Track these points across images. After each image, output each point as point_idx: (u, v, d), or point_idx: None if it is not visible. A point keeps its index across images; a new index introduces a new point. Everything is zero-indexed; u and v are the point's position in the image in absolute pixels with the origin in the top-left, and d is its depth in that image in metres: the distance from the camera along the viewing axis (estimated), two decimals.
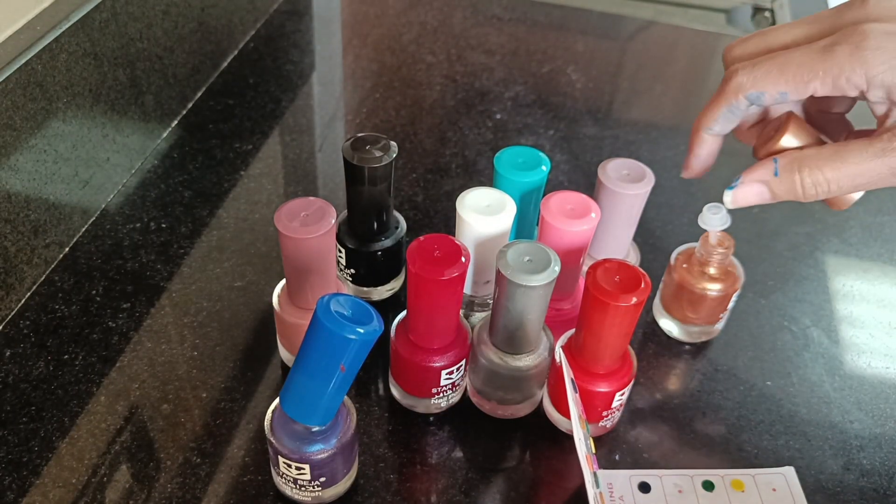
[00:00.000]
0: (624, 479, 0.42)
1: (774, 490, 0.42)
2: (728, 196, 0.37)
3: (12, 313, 0.48)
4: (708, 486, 0.42)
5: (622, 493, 0.42)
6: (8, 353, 0.46)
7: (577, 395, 0.40)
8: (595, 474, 0.39)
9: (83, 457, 0.41)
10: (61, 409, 0.44)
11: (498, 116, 0.68)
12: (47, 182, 0.50)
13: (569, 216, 0.42)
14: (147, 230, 0.55)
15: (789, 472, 0.43)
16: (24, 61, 0.46)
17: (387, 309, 0.50)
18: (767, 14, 0.90)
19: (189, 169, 0.60)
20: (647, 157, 0.64)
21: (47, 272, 0.51)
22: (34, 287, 0.50)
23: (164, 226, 0.55)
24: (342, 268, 0.50)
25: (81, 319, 0.48)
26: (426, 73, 0.73)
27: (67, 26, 0.49)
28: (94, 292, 0.50)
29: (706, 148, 0.39)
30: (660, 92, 0.74)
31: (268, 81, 0.70)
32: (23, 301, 0.49)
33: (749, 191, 0.36)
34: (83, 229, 0.54)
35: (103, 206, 0.56)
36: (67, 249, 0.53)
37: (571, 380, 0.40)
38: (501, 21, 0.82)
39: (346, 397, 0.38)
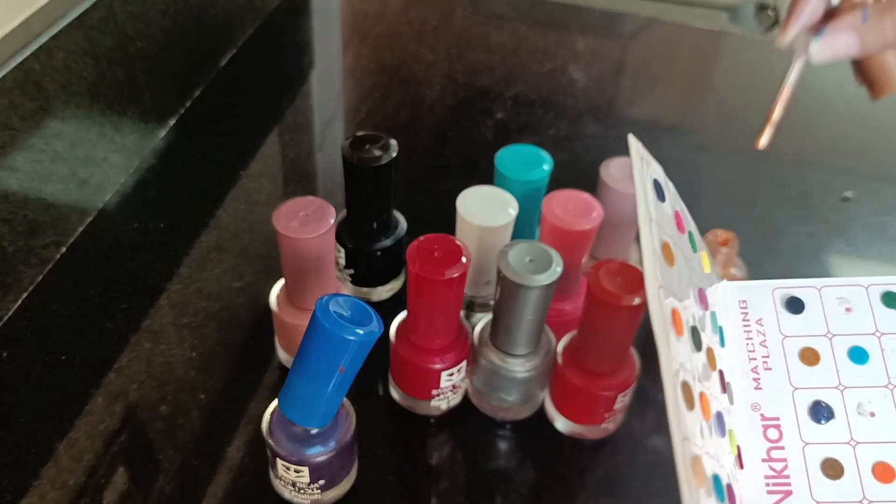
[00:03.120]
0: (764, 294, 0.33)
1: None
2: (814, 46, 0.33)
3: (10, 314, 0.48)
4: (891, 299, 0.32)
5: (760, 315, 0.33)
6: (6, 354, 0.46)
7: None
8: (712, 314, 0.31)
9: (81, 458, 0.41)
10: (59, 410, 0.43)
11: (499, 115, 0.68)
12: (45, 181, 0.49)
13: (570, 216, 0.41)
14: (145, 230, 0.54)
15: None
16: (21, 60, 0.46)
17: (387, 309, 0.50)
18: (771, 12, 0.90)
19: (188, 168, 0.60)
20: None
21: (45, 272, 0.51)
22: (32, 287, 0.50)
23: (162, 226, 0.55)
24: (342, 268, 0.49)
25: (79, 320, 0.48)
26: (426, 72, 0.73)
27: (65, 25, 0.49)
28: (92, 292, 0.50)
29: (811, 5, 0.34)
30: (662, 90, 0.74)
31: (267, 80, 0.70)
32: (20, 301, 0.49)
33: (837, 40, 0.33)
34: (81, 229, 0.54)
35: (101, 205, 0.56)
36: (65, 249, 0.52)
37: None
38: (502, 20, 0.82)
39: (345, 399, 0.37)
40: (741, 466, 0.31)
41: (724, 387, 0.31)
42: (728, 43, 0.82)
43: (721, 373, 0.31)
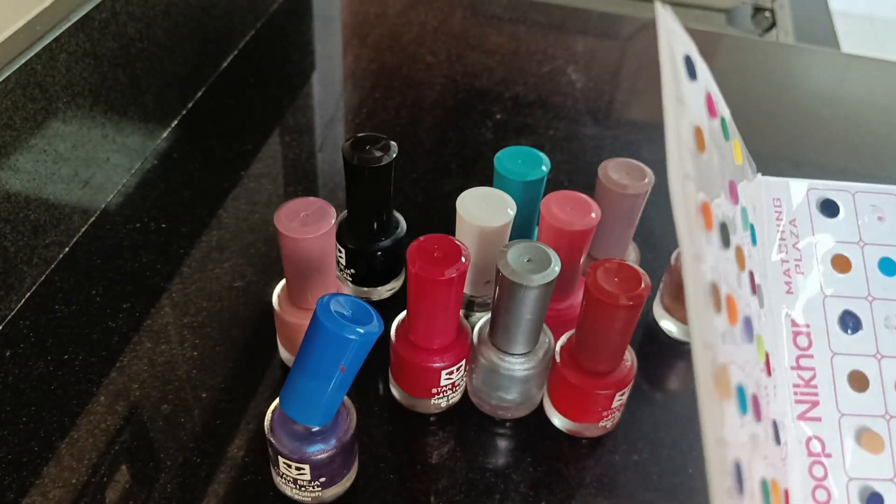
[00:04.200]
0: (799, 192, 0.31)
1: None
2: None
3: (12, 313, 0.48)
4: None
5: (794, 215, 0.31)
6: (8, 354, 0.46)
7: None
8: (743, 210, 0.29)
9: (83, 457, 0.41)
10: (61, 409, 0.44)
11: (498, 116, 0.68)
12: (47, 182, 0.50)
13: (568, 216, 0.42)
14: (147, 230, 0.55)
15: None
16: (23, 61, 0.46)
17: (387, 309, 0.50)
18: (768, 14, 0.90)
19: (189, 169, 0.60)
20: (647, 157, 0.64)
21: (47, 272, 0.51)
22: (34, 287, 0.50)
23: (163, 226, 0.55)
24: (342, 268, 0.50)
25: (81, 319, 0.48)
26: (426, 73, 0.73)
27: (67, 26, 0.49)
28: (93, 292, 0.50)
29: None
30: (660, 92, 0.74)
31: (268, 81, 0.70)
32: (23, 301, 0.49)
33: None
34: (83, 229, 0.54)
35: (103, 206, 0.56)
36: (67, 249, 0.53)
37: None
38: (501, 21, 0.82)
39: (346, 397, 0.38)
40: (769, 373, 0.29)
41: (755, 288, 0.29)
42: (725, 45, 0.82)
43: (751, 274, 0.29)
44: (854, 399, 0.31)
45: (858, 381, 0.31)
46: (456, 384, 0.44)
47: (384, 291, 0.51)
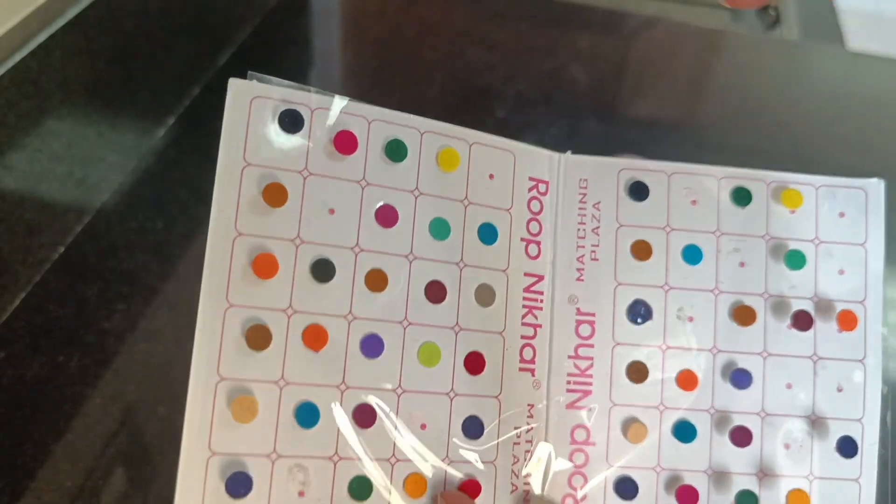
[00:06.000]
0: (609, 174, 0.31)
1: (843, 216, 0.30)
2: None
3: (7, 315, 0.48)
4: (741, 196, 0.31)
5: (599, 198, 0.31)
6: (2, 355, 0.45)
7: None
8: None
9: (78, 460, 0.41)
10: (56, 411, 0.43)
11: (500, 114, 0.68)
12: (42, 181, 0.49)
13: None
14: (143, 230, 0.54)
15: (874, 186, 0.30)
16: (18, 59, 0.45)
17: None
18: (772, 12, 0.89)
19: (186, 167, 0.60)
20: (652, 155, 0.63)
21: (42, 273, 0.50)
22: (29, 288, 0.49)
23: (159, 226, 0.54)
24: None
25: (76, 321, 0.48)
26: (427, 70, 0.73)
27: (63, 23, 0.49)
28: (89, 293, 0.49)
29: None
30: (664, 89, 0.73)
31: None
32: (17, 302, 0.48)
33: None
34: (78, 229, 0.53)
35: (98, 205, 0.55)
36: (62, 250, 0.52)
37: None
38: (503, 17, 0.81)
39: None
40: (476, 372, 0.29)
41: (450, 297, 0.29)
42: (729, 42, 0.81)
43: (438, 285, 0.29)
44: (629, 390, 0.30)
45: (637, 373, 0.30)
46: None
47: None
